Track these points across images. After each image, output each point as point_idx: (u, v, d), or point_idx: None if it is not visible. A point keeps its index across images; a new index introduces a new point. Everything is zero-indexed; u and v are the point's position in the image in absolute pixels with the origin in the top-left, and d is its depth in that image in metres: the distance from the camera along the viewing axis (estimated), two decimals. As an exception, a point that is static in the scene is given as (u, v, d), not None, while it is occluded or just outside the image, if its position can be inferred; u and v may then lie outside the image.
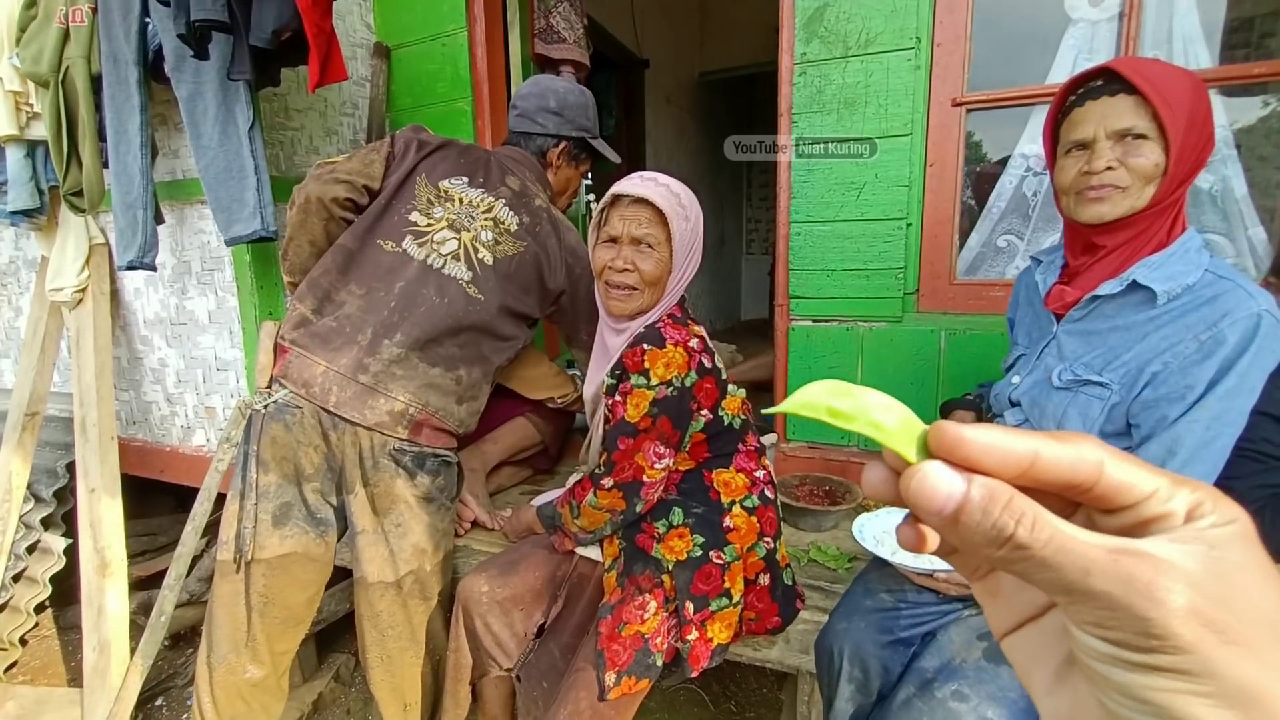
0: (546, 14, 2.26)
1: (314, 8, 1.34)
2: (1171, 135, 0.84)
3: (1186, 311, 0.88)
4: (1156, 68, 0.87)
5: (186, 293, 1.93)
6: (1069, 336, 1.00)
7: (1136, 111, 0.85)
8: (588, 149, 1.57)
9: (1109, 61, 0.89)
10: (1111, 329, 0.95)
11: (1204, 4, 1.37)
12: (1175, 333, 0.88)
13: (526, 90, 1.53)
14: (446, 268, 1.31)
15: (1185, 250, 0.90)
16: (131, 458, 2.16)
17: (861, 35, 1.52)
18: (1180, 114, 0.84)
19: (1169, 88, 0.84)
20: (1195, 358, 0.86)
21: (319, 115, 1.94)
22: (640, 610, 1.05)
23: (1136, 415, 0.91)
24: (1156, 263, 0.90)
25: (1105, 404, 0.93)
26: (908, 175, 1.53)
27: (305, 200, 1.33)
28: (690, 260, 1.17)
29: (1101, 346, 0.95)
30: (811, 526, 1.48)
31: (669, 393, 1.07)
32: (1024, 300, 1.15)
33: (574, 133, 1.51)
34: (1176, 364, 0.87)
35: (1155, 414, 0.88)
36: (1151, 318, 0.91)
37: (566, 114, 1.49)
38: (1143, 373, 0.90)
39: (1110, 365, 0.93)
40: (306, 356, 1.25)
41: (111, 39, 1.58)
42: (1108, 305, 0.96)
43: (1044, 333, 1.06)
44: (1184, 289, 0.89)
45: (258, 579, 1.22)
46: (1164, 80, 0.85)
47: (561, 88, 1.51)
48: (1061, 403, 0.98)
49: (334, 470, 1.26)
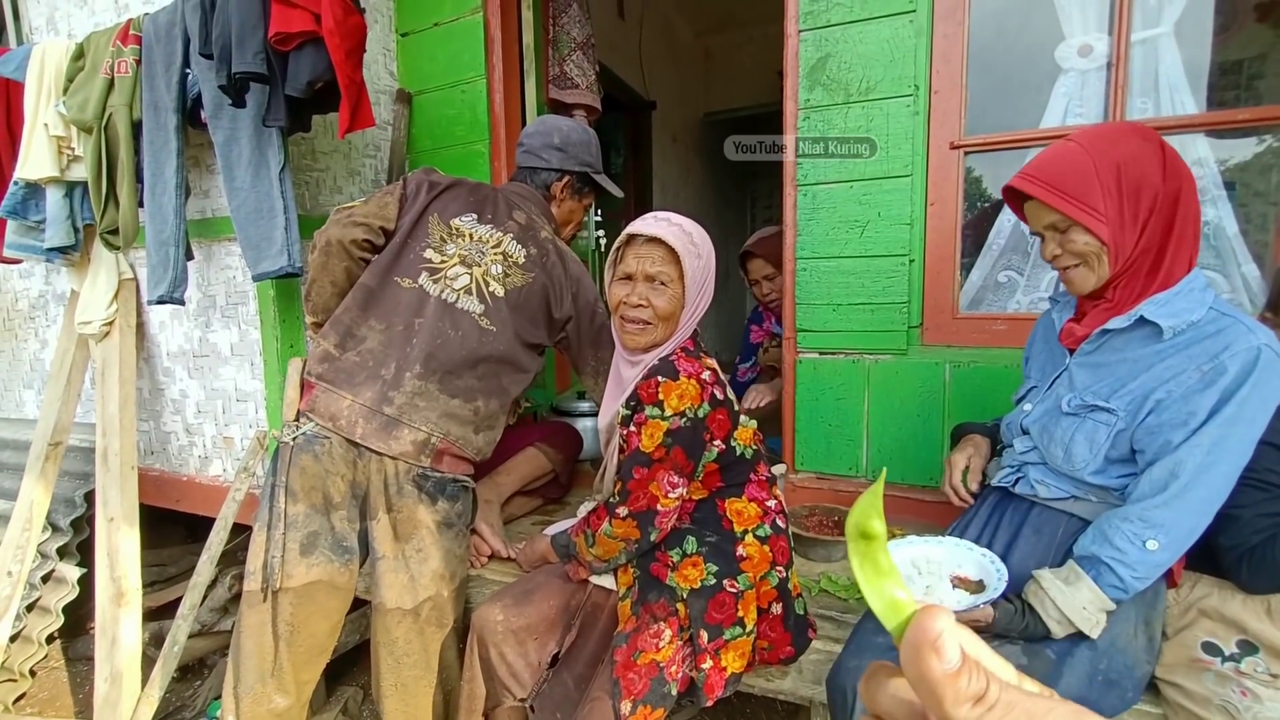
0: (561, 62, 2.37)
1: (346, 61, 1.43)
2: (1080, 218, 0.93)
3: (1190, 344, 0.94)
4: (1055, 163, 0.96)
5: (210, 326, 1.99)
6: (1080, 369, 1.05)
7: (1048, 209, 0.96)
8: (590, 183, 1.64)
9: (1010, 180, 1.01)
10: (1120, 360, 1.00)
11: (1189, 52, 1.44)
12: (1179, 363, 0.94)
13: (533, 129, 1.62)
14: (460, 302, 1.37)
15: (1191, 289, 0.96)
16: (148, 487, 2.19)
17: (862, 83, 1.60)
18: (1089, 195, 0.93)
19: (1064, 179, 0.94)
20: (1197, 386, 0.91)
21: (343, 157, 2.03)
22: (655, 638, 1.07)
23: (1141, 441, 0.96)
24: (1163, 300, 0.96)
25: (1111, 430, 0.98)
26: (909, 214, 1.59)
27: (326, 244, 1.39)
28: (703, 295, 1.22)
29: (1110, 377, 1.00)
30: (822, 557, 1.49)
31: (682, 423, 1.11)
32: (1040, 337, 1.20)
33: (576, 167, 1.58)
34: (1180, 392, 0.92)
35: (1159, 439, 0.93)
36: (1157, 351, 0.96)
37: (569, 150, 1.57)
38: (1147, 400, 0.95)
39: (1117, 393, 0.98)
40: (333, 391, 1.30)
41: (154, 88, 1.68)
42: (1116, 339, 1.01)
43: (1056, 366, 1.11)
44: (1189, 325, 0.94)
45: (285, 608, 1.24)
46: (1060, 176, 0.95)
47: (565, 126, 1.60)
48: (1070, 428, 1.02)
49: (358, 497, 1.30)
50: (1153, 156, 0.93)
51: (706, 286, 1.23)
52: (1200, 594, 1.00)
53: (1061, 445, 1.03)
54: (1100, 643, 0.97)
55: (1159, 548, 0.90)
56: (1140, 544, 0.91)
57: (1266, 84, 1.54)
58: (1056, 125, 1.53)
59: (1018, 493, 1.13)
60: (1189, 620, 1.00)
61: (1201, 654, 0.97)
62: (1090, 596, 0.94)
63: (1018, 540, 1.12)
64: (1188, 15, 1.43)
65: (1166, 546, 0.90)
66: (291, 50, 1.42)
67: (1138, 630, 0.99)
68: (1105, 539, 0.94)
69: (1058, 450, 1.04)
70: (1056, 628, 0.95)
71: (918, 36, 1.54)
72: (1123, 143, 0.94)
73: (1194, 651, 0.98)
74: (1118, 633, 0.98)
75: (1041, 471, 1.09)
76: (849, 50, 1.60)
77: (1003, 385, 1.53)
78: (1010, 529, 1.15)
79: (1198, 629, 0.99)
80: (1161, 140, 0.95)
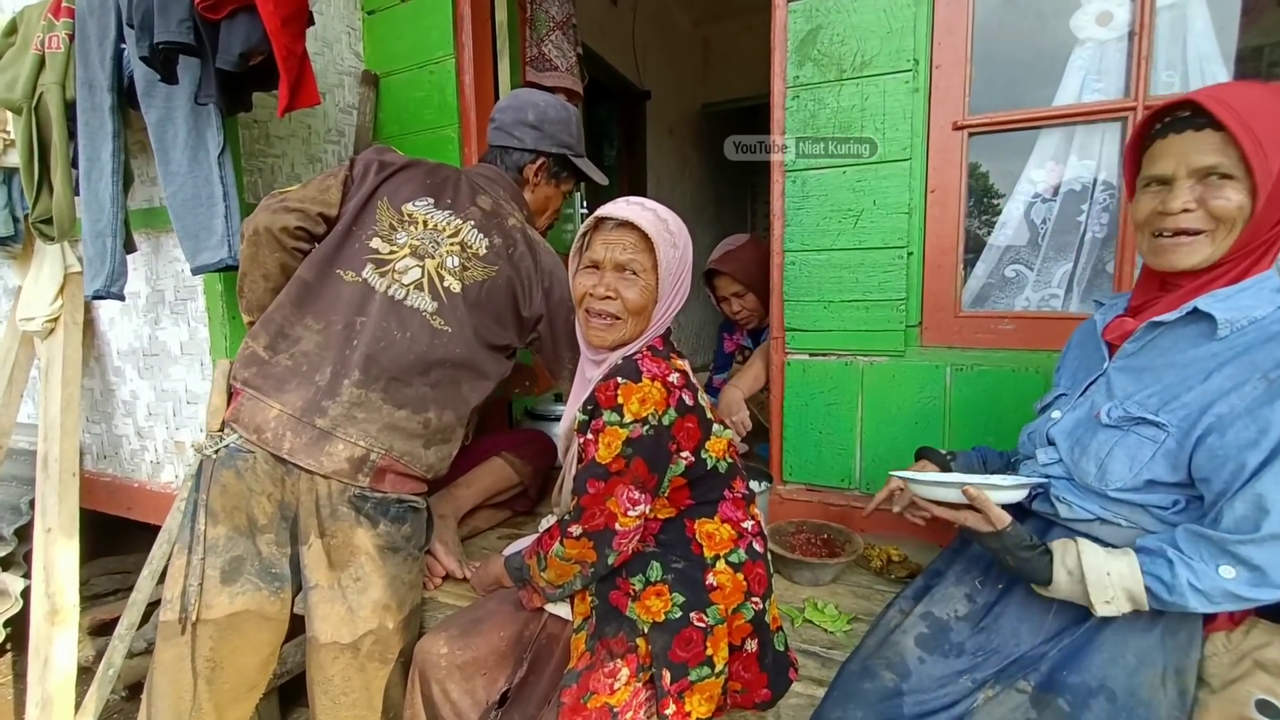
0: (538, 42, 2.23)
1: (283, 30, 1.29)
2: (1259, 177, 0.76)
3: (1252, 347, 0.80)
4: (1250, 96, 0.79)
5: (160, 323, 1.86)
6: (1120, 373, 0.92)
7: (1223, 149, 0.78)
8: (570, 167, 1.48)
9: (1193, 93, 0.82)
10: (1168, 365, 0.87)
11: (1220, 24, 1.29)
12: (1240, 371, 0.80)
13: (505, 103, 1.46)
14: (409, 299, 1.22)
15: (1260, 287, 0.82)
16: (100, 494, 2.07)
17: (856, 58, 1.46)
18: (1274, 151, 0.76)
19: (1262, 122, 0.76)
20: (1264, 398, 0.77)
21: (301, 142, 1.89)
22: (610, 678, 0.94)
23: (1203, 467, 0.81)
24: (1225, 294, 0.83)
25: (1159, 447, 0.84)
26: (907, 202, 1.45)
27: (254, 232, 1.25)
28: (677, 291, 1.09)
29: (1156, 384, 0.87)
30: (808, 580, 1.36)
31: (644, 431, 0.97)
32: (1077, 342, 1.07)
33: (553, 148, 1.43)
34: (1244, 405, 0.78)
35: (1229, 464, 0.78)
36: (1213, 354, 0.83)
37: (545, 128, 1.41)
38: (1204, 415, 0.80)
39: (1168, 405, 0.84)
40: (259, 399, 1.16)
41: (87, 65, 1.55)
42: (1164, 338, 0.88)
43: (1091, 371, 0.97)
44: (1250, 321, 0.81)
45: (204, 642, 1.11)
46: (1256, 113, 0.77)
47: (542, 101, 1.44)
48: (1108, 441, 0.88)
49: (288, 519, 1.16)
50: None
51: (683, 282, 1.09)
52: (1257, 641, 0.85)
53: (1096, 461, 0.89)
54: (1119, 692, 0.83)
55: (1235, 578, 0.76)
56: (1215, 566, 0.77)
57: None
58: (1071, 102, 1.38)
59: (1035, 510, 0.99)
60: (1242, 672, 0.85)
61: (1255, 714, 0.83)
62: (1123, 569, 0.81)
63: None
64: (1220, -22, 1.28)
65: (1249, 585, 0.76)
66: (222, 19, 1.29)
67: (1166, 680, 0.85)
68: (1175, 541, 0.81)
69: (1090, 466, 0.90)
70: (1063, 577, 0.84)
71: (917, 5, 1.39)
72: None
73: (1246, 709, 0.83)
74: (1140, 681, 0.84)
75: (1065, 488, 0.95)
76: (842, 21, 1.46)
77: (1009, 391, 1.39)
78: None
79: (1251, 683, 0.84)
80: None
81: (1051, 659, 0.88)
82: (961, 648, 0.94)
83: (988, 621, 0.95)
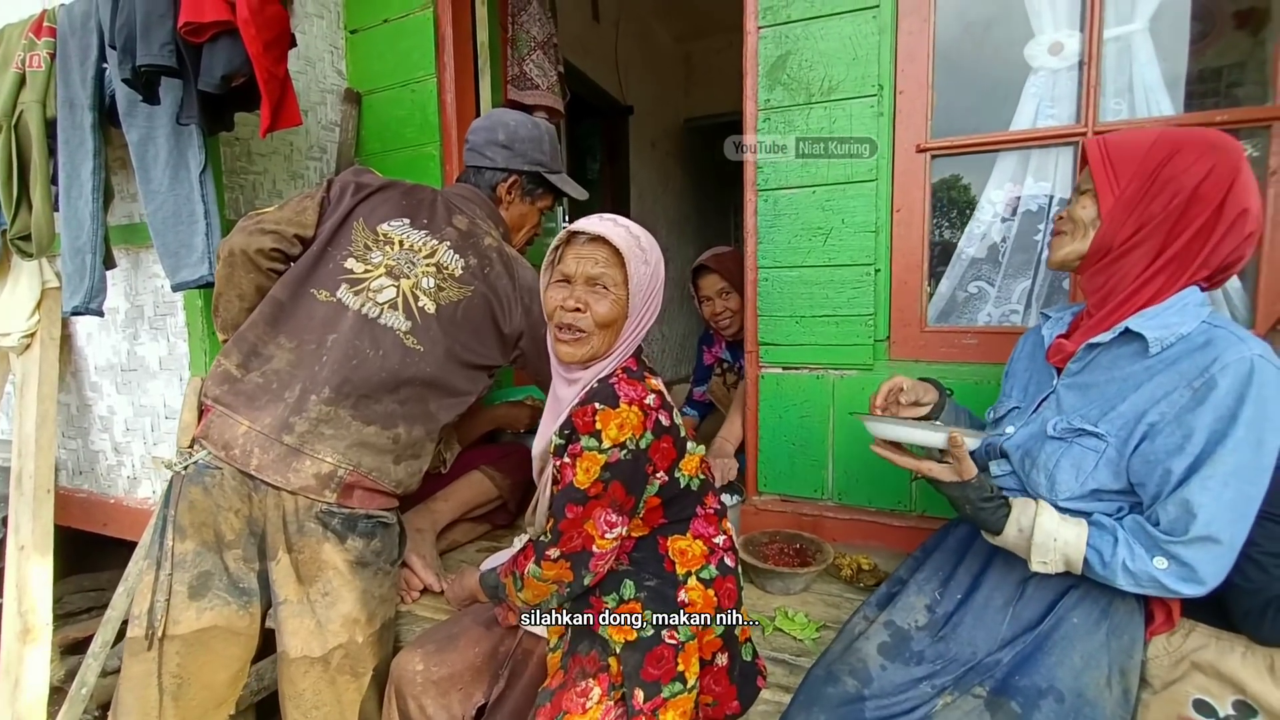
0: (520, 61, 2.28)
1: (265, 54, 1.32)
2: (1101, 192, 0.93)
3: (1180, 359, 0.87)
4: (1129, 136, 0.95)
5: (138, 338, 1.86)
6: (1068, 390, 0.98)
7: (1085, 172, 0.98)
8: (545, 184, 1.51)
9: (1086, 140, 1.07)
10: (1109, 380, 0.93)
11: (1166, 55, 1.36)
12: (1169, 381, 0.86)
13: (478, 124, 1.49)
14: (383, 317, 1.24)
15: (1183, 304, 0.89)
16: (75, 510, 2.05)
17: (824, 83, 1.51)
18: (1123, 173, 0.91)
19: (1119, 149, 0.93)
20: (1189, 405, 0.83)
21: (283, 159, 1.91)
22: (582, 698, 0.95)
23: (1137, 472, 0.87)
24: (1151, 313, 0.90)
25: (1100, 456, 0.90)
26: (874, 221, 1.50)
27: (229, 254, 1.26)
28: (648, 308, 1.10)
29: (1099, 399, 0.93)
30: (780, 590, 1.39)
31: (622, 456, 0.98)
32: (1026, 354, 1.13)
33: (525, 166, 1.45)
34: (1172, 413, 0.84)
35: (1157, 469, 0.85)
36: (1146, 367, 0.89)
37: (516, 147, 1.44)
38: (1139, 424, 0.87)
39: (1106, 416, 0.91)
40: (229, 416, 1.17)
41: (69, 84, 1.56)
42: (1104, 356, 0.95)
43: (1042, 388, 1.04)
44: (1178, 338, 0.87)
45: (171, 658, 1.11)
46: (1120, 146, 0.94)
47: (512, 120, 1.47)
48: (1054, 453, 0.94)
49: (256, 535, 1.17)
50: (1213, 167, 0.86)
51: (653, 299, 1.10)
52: (1195, 644, 0.89)
53: (1045, 471, 0.94)
54: (1066, 692, 0.87)
55: (1166, 569, 0.82)
56: (1150, 557, 0.83)
57: (1245, 91, 1.48)
58: (1027, 127, 1.44)
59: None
60: (1180, 673, 0.89)
61: (1193, 713, 0.87)
62: (1070, 536, 0.88)
63: (987, 572, 1.03)
64: (1163, 12, 1.35)
65: (1177, 579, 0.82)
66: (205, 42, 1.31)
67: (1111, 681, 0.89)
68: (1124, 525, 0.87)
69: (1040, 477, 0.95)
70: (1013, 532, 0.92)
71: (881, 33, 1.45)
72: (1196, 145, 0.88)
73: (1184, 709, 0.88)
74: (1086, 682, 0.88)
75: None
76: (810, 48, 1.51)
77: (974, 403, 1.43)
78: (979, 559, 1.05)
79: (1189, 684, 0.88)
80: (1242, 159, 0.87)
81: (1005, 665, 0.92)
82: (921, 656, 0.98)
83: (946, 631, 0.99)
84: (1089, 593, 0.92)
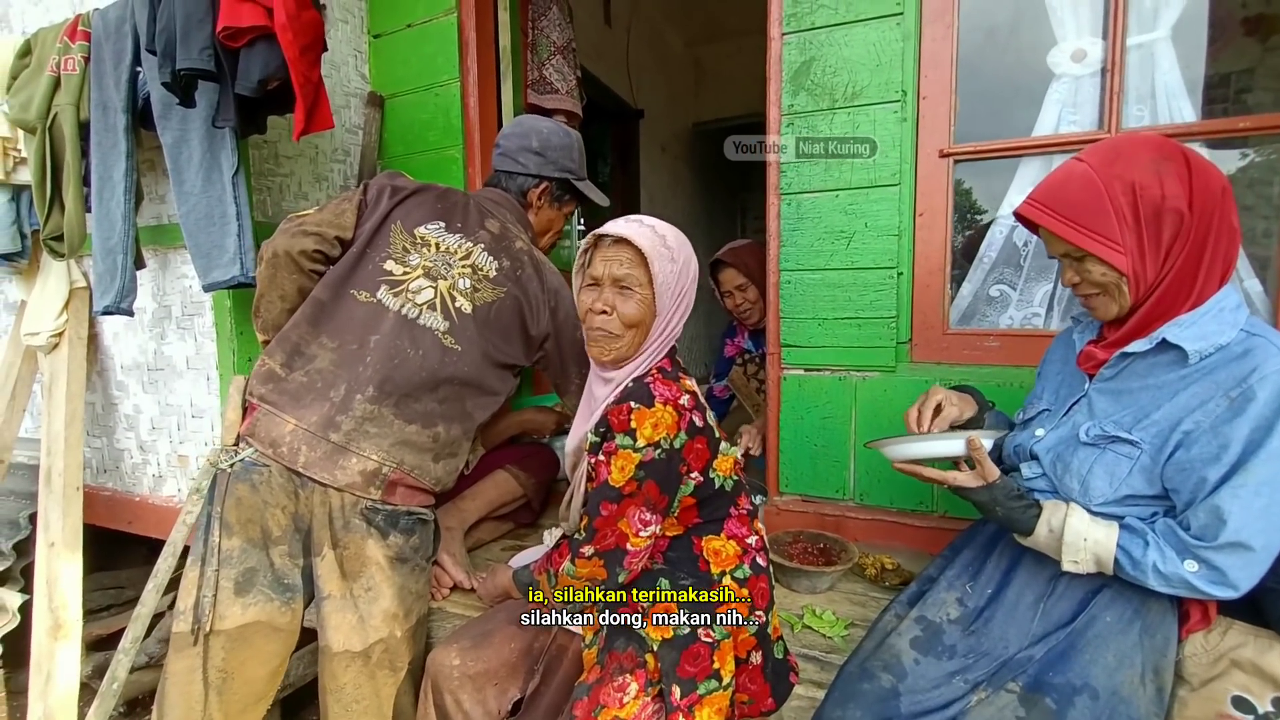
0: (540, 66, 2.30)
1: (301, 58, 1.35)
2: (1094, 249, 0.87)
3: (1216, 368, 0.86)
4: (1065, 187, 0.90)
5: (165, 338, 1.89)
6: (1100, 395, 0.98)
7: (1060, 238, 0.90)
8: (571, 191, 1.54)
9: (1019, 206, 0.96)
10: (1143, 388, 0.93)
11: (1186, 60, 1.38)
12: (1205, 390, 0.86)
13: (510, 130, 1.51)
14: (422, 318, 1.27)
15: (1220, 309, 0.87)
16: (100, 508, 2.07)
17: (848, 88, 1.53)
18: (1102, 224, 0.86)
19: (1075, 207, 0.88)
20: (1226, 415, 0.83)
21: (309, 161, 1.94)
22: (620, 692, 0.97)
23: (1172, 479, 0.88)
24: (1188, 321, 0.88)
25: (1134, 463, 0.90)
26: (897, 225, 1.52)
27: (273, 255, 1.29)
28: (679, 306, 1.11)
29: (1133, 405, 0.93)
30: (806, 588, 1.40)
31: (657, 455, 1.00)
32: (1058, 358, 1.12)
33: (556, 173, 1.48)
34: (1208, 423, 0.84)
35: (1192, 477, 0.85)
36: (1183, 376, 0.89)
37: (548, 154, 1.47)
38: (1174, 432, 0.87)
39: (1140, 423, 0.90)
40: (275, 414, 1.19)
41: (102, 87, 1.59)
42: (1139, 364, 0.94)
43: (1074, 391, 1.03)
44: (1217, 348, 0.86)
45: (216, 653, 1.13)
46: (1071, 203, 0.88)
47: (545, 128, 1.50)
48: (1088, 459, 0.94)
49: (301, 531, 1.19)
50: (1174, 175, 0.84)
51: (685, 297, 1.11)
52: (1233, 642, 0.90)
53: (1078, 478, 0.94)
54: (1101, 690, 0.88)
55: (1197, 572, 0.83)
56: (1181, 560, 0.84)
57: (1254, 98, 1.50)
58: (1049, 133, 1.46)
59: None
60: (1219, 671, 0.90)
61: (1232, 710, 0.88)
62: (1100, 536, 0.88)
63: (1017, 569, 1.04)
64: (1184, 20, 1.37)
65: (1208, 581, 0.83)
66: (242, 46, 1.33)
67: (1145, 679, 0.90)
68: (1155, 528, 0.88)
69: (1073, 482, 0.95)
70: (1044, 533, 0.92)
71: (905, 40, 1.47)
72: (1139, 161, 0.86)
73: (1223, 706, 0.89)
74: (1121, 680, 0.89)
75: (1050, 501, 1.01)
76: (834, 54, 1.54)
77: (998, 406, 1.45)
78: (1009, 555, 1.06)
79: (1228, 681, 0.89)
80: (1186, 152, 0.86)
81: (1038, 661, 0.93)
82: (954, 650, 0.99)
83: (978, 625, 1.00)
84: (1121, 592, 0.93)
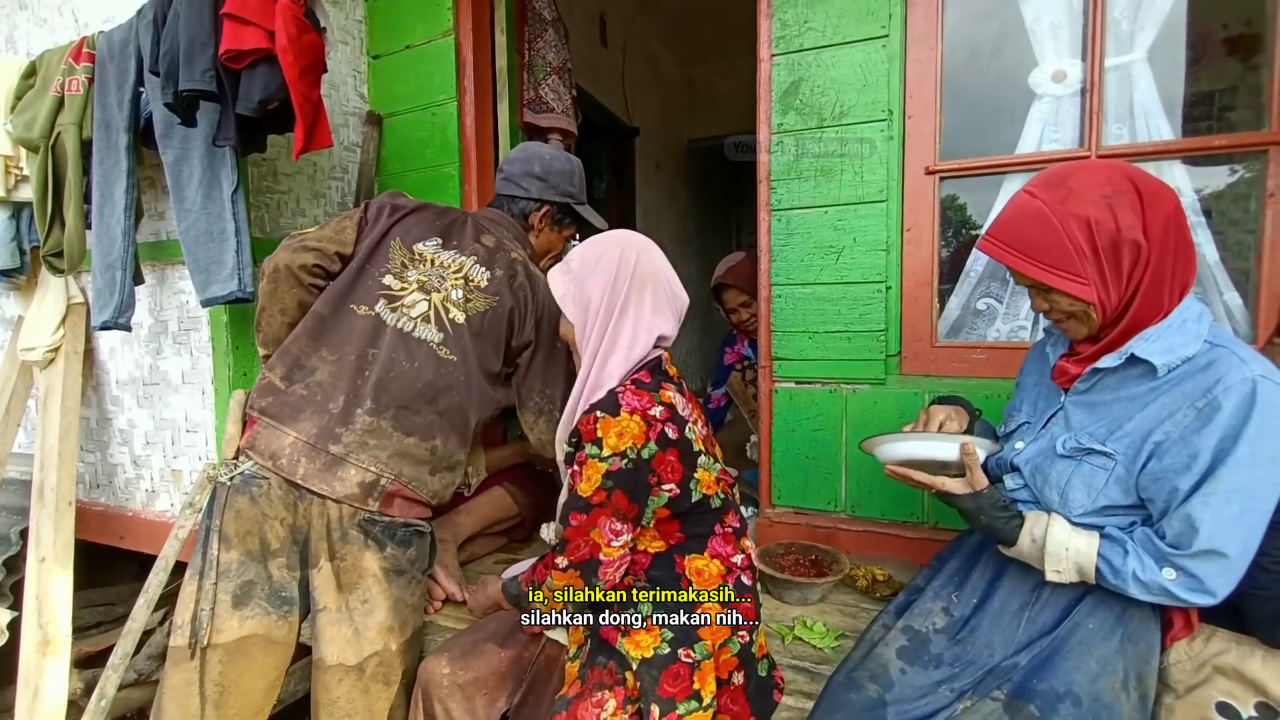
0: (536, 85, 2.35)
1: (301, 80, 1.38)
2: (1059, 285, 0.88)
3: (1184, 379, 0.88)
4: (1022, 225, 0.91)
5: (161, 352, 1.90)
6: (1075, 408, 1.00)
7: (1024, 275, 0.93)
8: (572, 214, 1.57)
9: (978, 243, 0.99)
10: (1115, 400, 0.95)
11: (1163, 80, 1.42)
12: (1174, 401, 0.88)
13: (514, 155, 1.55)
14: (417, 330, 1.28)
15: (1184, 320, 0.90)
16: (92, 523, 2.07)
17: (835, 108, 1.57)
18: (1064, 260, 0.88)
19: (1035, 245, 0.89)
20: (1195, 426, 0.85)
21: (307, 179, 1.97)
22: (598, 708, 0.97)
23: (1146, 489, 0.90)
24: (1154, 335, 0.90)
25: (1109, 474, 0.92)
26: (885, 240, 1.55)
27: (275, 270, 1.31)
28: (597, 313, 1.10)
29: (1106, 417, 0.95)
30: (797, 600, 1.41)
31: (624, 465, 1.00)
32: (1034, 369, 1.14)
33: (557, 198, 1.52)
34: (1178, 433, 0.87)
35: (1165, 486, 0.87)
36: (1152, 388, 0.91)
37: (550, 179, 1.50)
38: (1146, 443, 0.89)
39: (1114, 435, 0.93)
40: (275, 427, 1.21)
41: (105, 106, 1.62)
42: (1111, 378, 0.96)
43: (1051, 404, 1.05)
44: (1184, 360, 0.88)
45: (214, 666, 1.13)
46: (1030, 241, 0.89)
47: (548, 154, 1.53)
48: (1065, 471, 0.96)
49: (299, 543, 1.19)
50: (1127, 206, 0.86)
51: (608, 297, 1.09)
52: (1216, 649, 0.92)
53: (1057, 489, 0.96)
54: (1084, 696, 0.89)
55: (1175, 580, 0.85)
56: (1160, 568, 0.86)
57: (1238, 115, 1.53)
58: (1032, 151, 1.50)
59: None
60: (1203, 678, 0.91)
61: (1216, 716, 0.89)
62: (1082, 546, 0.90)
63: (1002, 577, 1.05)
64: (1160, 43, 1.41)
65: (1186, 589, 0.85)
66: (243, 68, 1.37)
67: (1128, 686, 0.91)
68: (1134, 537, 0.89)
69: (1053, 494, 0.97)
70: (1027, 543, 0.94)
71: (890, 61, 1.52)
72: (1089, 197, 0.87)
73: (1208, 712, 0.90)
74: (1103, 686, 0.90)
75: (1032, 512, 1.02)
76: (822, 75, 1.58)
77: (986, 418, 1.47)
78: (994, 564, 1.07)
79: (1212, 688, 0.91)
80: (1134, 179, 0.88)
81: (1022, 669, 0.94)
82: (940, 659, 1.00)
83: (963, 634, 1.01)
84: (1103, 599, 0.94)
